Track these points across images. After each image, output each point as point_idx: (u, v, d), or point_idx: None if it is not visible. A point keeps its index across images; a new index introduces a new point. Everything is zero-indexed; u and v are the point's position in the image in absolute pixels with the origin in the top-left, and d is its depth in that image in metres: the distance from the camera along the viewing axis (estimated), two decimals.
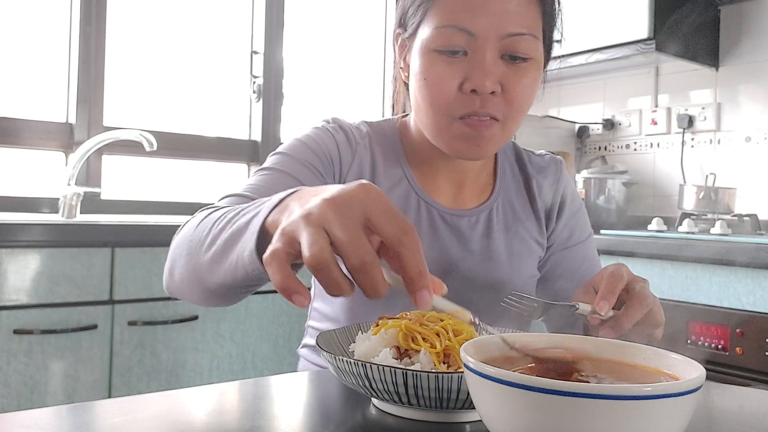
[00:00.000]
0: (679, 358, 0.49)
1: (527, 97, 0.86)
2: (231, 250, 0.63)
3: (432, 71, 0.85)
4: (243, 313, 1.85)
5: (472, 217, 0.95)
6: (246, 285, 0.66)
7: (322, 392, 0.70)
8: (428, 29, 0.85)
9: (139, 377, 1.68)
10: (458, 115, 0.84)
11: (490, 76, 0.82)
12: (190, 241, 0.71)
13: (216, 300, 0.73)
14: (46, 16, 2.17)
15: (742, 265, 1.63)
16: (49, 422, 0.57)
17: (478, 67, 0.82)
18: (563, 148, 2.68)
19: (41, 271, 1.55)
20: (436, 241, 0.93)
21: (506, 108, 0.85)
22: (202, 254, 0.68)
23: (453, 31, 0.82)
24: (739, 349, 1.62)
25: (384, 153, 0.96)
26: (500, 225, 0.97)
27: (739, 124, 2.32)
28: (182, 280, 0.73)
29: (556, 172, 1.04)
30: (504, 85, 0.84)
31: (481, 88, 0.82)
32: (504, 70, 0.84)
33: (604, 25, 2.27)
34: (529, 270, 0.98)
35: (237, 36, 2.59)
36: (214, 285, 0.68)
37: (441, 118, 0.86)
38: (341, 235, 0.48)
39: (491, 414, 0.44)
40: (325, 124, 0.96)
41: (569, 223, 1.03)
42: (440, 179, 0.96)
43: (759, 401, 0.72)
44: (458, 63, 0.83)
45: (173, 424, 0.56)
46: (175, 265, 0.74)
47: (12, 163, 2.12)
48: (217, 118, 2.54)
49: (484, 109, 0.83)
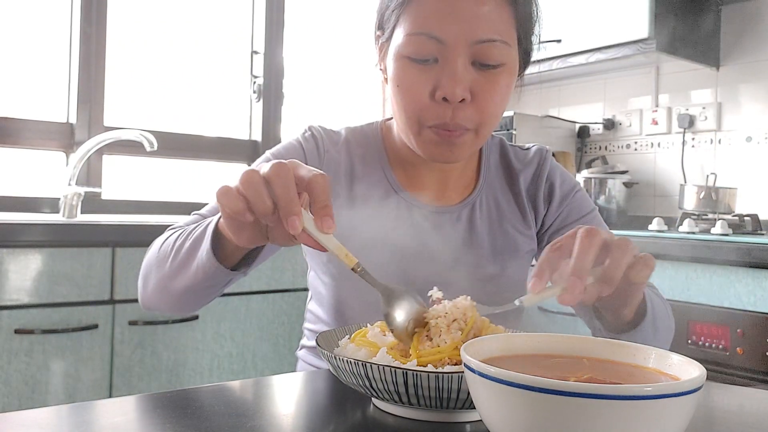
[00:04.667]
0: (679, 358, 0.49)
1: (499, 104, 0.86)
2: (192, 256, 0.74)
3: (404, 78, 0.85)
4: (243, 313, 1.85)
5: (453, 213, 0.96)
6: (207, 286, 0.77)
7: (322, 392, 0.70)
8: (401, 35, 0.85)
9: (140, 377, 1.68)
10: (429, 124, 0.85)
11: (460, 83, 0.82)
12: (158, 257, 0.81)
13: (183, 306, 0.83)
14: (46, 17, 2.17)
15: (742, 265, 1.63)
16: (49, 422, 0.58)
17: (449, 75, 0.82)
18: (563, 148, 2.68)
19: (42, 271, 1.55)
20: (417, 237, 0.93)
21: (477, 116, 0.85)
22: (168, 265, 0.78)
23: (423, 38, 0.83)
24: (739, 349, 1.62)
25: (364, 156, 0.98)
26: (483, 220, 0.97)
27: (740, 123, 2.31)
28: (153, 292, 0.83)
29: (539, 161, 1.03)
30: (475, 92, 0.84)
31: (452, 96, 0.82)
32: (475, 77, 0.83)
33: (604, 25, 2.27)
34: (515, 264, 0.98)
35: (237, 36, 2.59)
36: (180, 290, 0.78)
37: (413, 125, 0.87)
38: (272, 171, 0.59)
39: (491, 414, 0.44)
40: (299, 135, 0.99)
41: (563, 205, 1.01)
42: (423, 178, 0.97)
43: (759, 401, 0.72)
44: (429, 70, 0.84)
45: (173, 424, 0.56)
46: (147, 279, 0.84)
47: (13, 163, 2.12)
48: (217, 118, 2.54)
49: (455, 120, 0.84)
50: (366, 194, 0.94)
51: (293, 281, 1.93)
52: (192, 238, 0.76)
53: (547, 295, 0.63)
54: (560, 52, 2.41)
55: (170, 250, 0.79)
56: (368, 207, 0.92)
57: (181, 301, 0.82)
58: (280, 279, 1.92)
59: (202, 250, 0.72)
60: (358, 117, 2.92)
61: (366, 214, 0.91)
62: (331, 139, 0.98)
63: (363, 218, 0.91)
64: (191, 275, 0.75)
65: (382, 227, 0.91)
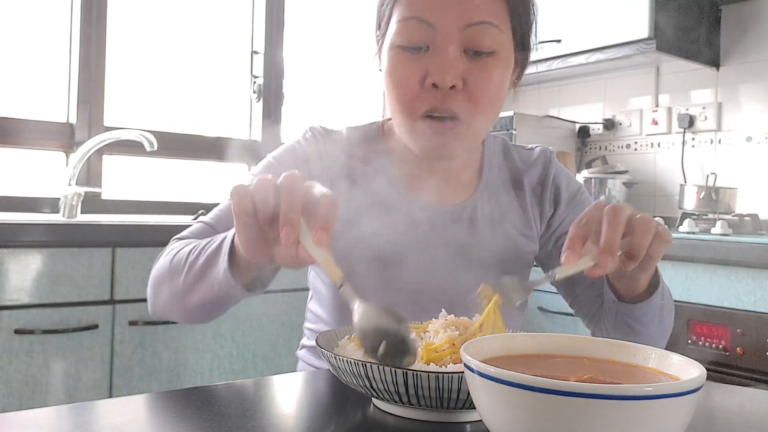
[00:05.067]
0: (679, 358, 0.49)
1: (492, 94, 0.85)
2: (207, 273, 0.75)
3: (396, 68, 0.85)
4: (243, 313, 1.85)
5: (454, 212, 0.95)
6: (222, 303, 0.79)
7: (322, 392, 0.70)
8: (394, 25, 0.86)
9: (140, 377, 1.68)
10: (421, 111, 0.84)
11: (451, 70, 0.82)
12: (170, 269, 0.81)
13: (195, 317, 0.84)
14: (46, 17, 2.17)
15: (742, 265, 1.62)
16: (50, 422, 0.58)
17: (440, 61, 0.82)
18: (563, 148, 2.68)
19: (42, 271, 1.55)
20: (417, 236, 0.93)
21: (469, 105, 0.84)
22: (182, 279, 0.78)
23: (415, 23, 0.83)
24: (739, 349, 1.62)
25: (364, 155, 0.97)
26: (484, 220, 0.97)
27: (740, 123, 2.31)
28: (166, 303, 0.83)
29: (544, 162, 1.03)
30: (467, 81, 0.83)
31: (442, 82, 0.82)
32: (467, 66, 0.83)
33: (604, 25, 2.27)
34: (514, 266, 0.98)
35: (237, 36, 2.59)
36: (195, 304, 0.79)
37: (407, 117, 0.86)
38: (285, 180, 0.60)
39: (491, 414, 0.44)
40: (300, 136, 0.99)
41: (570, 206, 1.01)
42: (423, 177, 0.96)
43: (759, 401, 0.72)
44: (421, 59, 0.84)
45: (174, 424, 0.56)
46: (159, 290, 0.84)
47: (13, 163, 2.12)
48: (217, 118, 2.54)
49: (445, 104, 0.83)
50: (367, 193, 0.93)
51: (293, 281, 1.93)
52: (206, 254, 0.75)
53: (579, 267, 0.66)
54: (560, 52, 2.41)
55: (183, 264, 0.78)
56: (369, 206, 0.92)
57: (195, 313, 0.82)
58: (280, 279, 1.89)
59: (219, 269, 0.72)
60: (358, 117, 2.93)
61: (367, 213, 0.91)
62: (332, 139, 0.98)
63: (364, 217, 0.90)
64: (206, 291, 0.75)
65: (383, 226, 0.91)
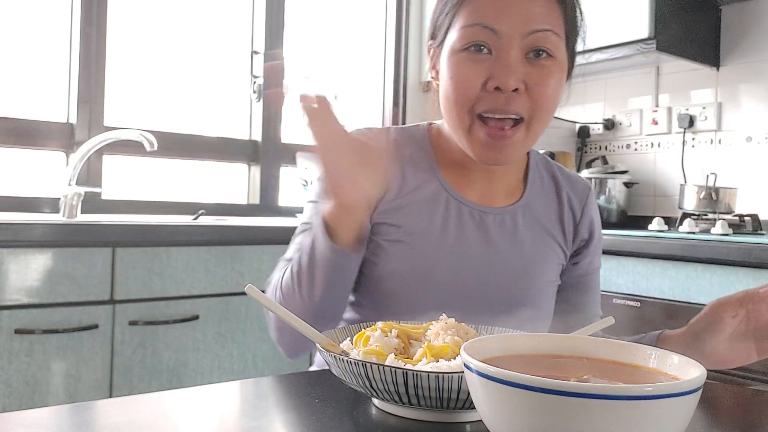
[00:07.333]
0: (679, 359, 0.49)
1: (551, 97, 0.88)
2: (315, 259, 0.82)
3: (458, 71, 0.87)
4: (244, 313, 1.85)
5: (498, 215, 0.97)
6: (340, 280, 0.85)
7: (322, 392, 0.70)
8: (455, 32, 0.88)
9: (141, 377, 1.68)
10: (481, 110, 0.86)
11: (514, 73, 0.84)
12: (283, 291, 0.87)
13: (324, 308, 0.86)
14: (46, 17, 2.17)
15: (742, 265, 1.62)
16: (50, 422, 0.58)
17: (503, 65, 0.84)
18: (563, 148, 2.68)
19: (42, 271, 1.55)
20: (463, 234, 0.95)
21: (531, 106, 0.86)
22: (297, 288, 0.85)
23: (478, 29, 0.85)
24: None
25: (413, 155, 0.99)
26: (526, 226, 0.98)
27: (740, 123, 2.31)
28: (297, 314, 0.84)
29: (584, 190, 1.05)
30: (528, 84, 0.85)
31: (505, 86, 0.84)
32: (528, 70, 0.85)
33: (604, 25, 2.27)
34: (549, 272, 1.00)
35: (237, 36, 2.59)
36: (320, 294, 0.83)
37: (464, 117, 0.88)
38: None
39: (491, 414, 0.44)
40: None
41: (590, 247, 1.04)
42: (470, 178, 0.98)
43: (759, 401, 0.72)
44: (483, 62, 0.85)
45: (174, 424, 0.57)
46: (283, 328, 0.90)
47: (13, 163, 2.12)
48: (217, 118, 2.54)
49: (508, 106, 0.85)
50: (417, 193, 0.95)
51: None
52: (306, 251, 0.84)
53: None
54: None
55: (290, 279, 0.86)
56: (420, 206, 0.94)
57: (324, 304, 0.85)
58: None
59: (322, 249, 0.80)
60: (358, 117, 2.92)
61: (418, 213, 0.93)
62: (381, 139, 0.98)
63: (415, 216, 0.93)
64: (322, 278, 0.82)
65: (434, 226, 0.93)
